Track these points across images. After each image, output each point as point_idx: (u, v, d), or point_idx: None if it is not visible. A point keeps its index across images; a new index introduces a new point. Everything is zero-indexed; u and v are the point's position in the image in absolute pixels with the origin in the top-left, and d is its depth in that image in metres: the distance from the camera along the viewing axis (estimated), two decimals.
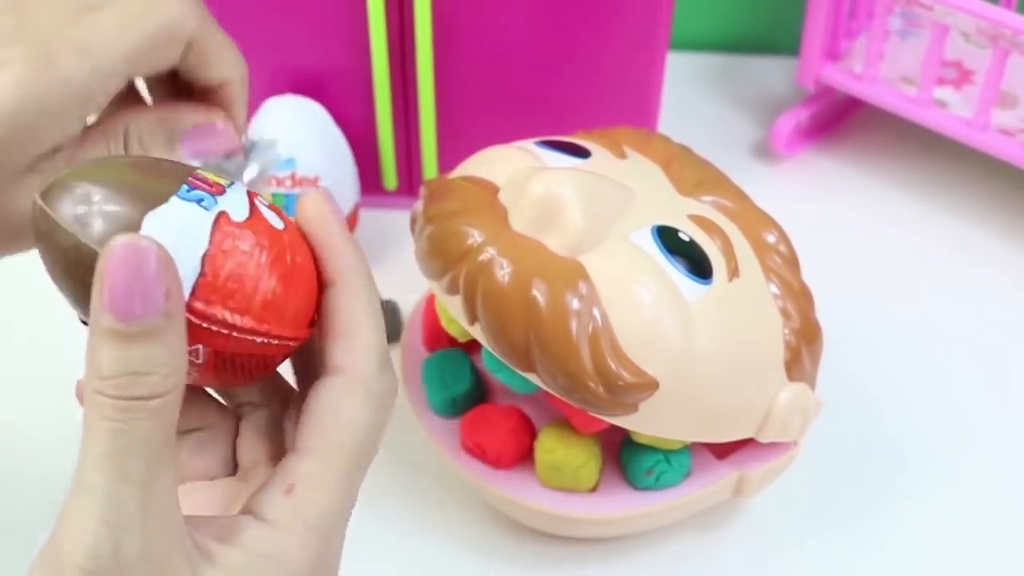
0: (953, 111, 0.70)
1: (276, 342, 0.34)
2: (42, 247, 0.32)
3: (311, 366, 0.37)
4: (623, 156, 0.52)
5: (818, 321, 0.51)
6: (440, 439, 0.53)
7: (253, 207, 0.34)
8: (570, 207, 0.46)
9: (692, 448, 0.52)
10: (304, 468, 0.33)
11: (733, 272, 0.48)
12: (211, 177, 0.34)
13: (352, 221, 0.66)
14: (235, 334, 0.33)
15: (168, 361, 0.29)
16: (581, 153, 0.51)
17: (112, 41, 0.38)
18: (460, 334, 0.53)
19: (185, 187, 0.32)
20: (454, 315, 0.48)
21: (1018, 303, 0.67)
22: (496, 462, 0.52)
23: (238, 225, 0.33)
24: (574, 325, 0.44)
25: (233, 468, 0.38)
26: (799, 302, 0.50)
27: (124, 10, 0.39)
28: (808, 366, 0.50)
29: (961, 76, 0.73)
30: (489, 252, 0.45)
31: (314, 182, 0.62)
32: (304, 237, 0.35)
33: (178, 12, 0.40)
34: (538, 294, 0.44)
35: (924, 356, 0.63)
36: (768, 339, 0.48)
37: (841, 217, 0.71)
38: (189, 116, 0.42)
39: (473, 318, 0.46)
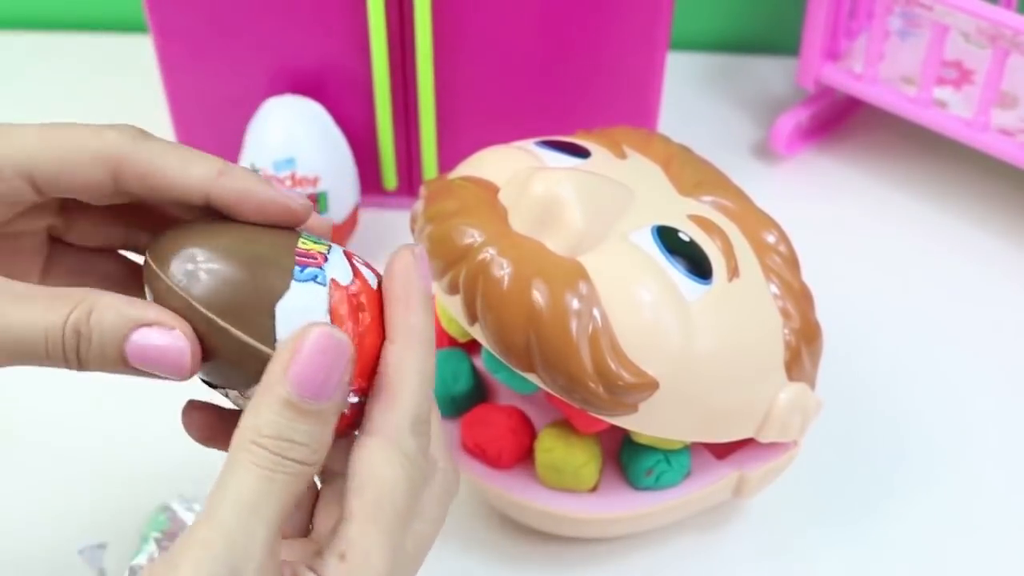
0: (953, 111, 0.70)
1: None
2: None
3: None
4: (623, 156, 0.52)
5: (818, 321, 0.51)
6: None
7: (354, 268, 0.36)
8: (570, 207, 0.46)
9: (692, 448, 0.52)
10: (351, 534, 0.34)
11: (733, 272, 0.48)
12: (311, 246, 0.36)
13: (352, 221, 0.66)
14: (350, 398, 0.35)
15: (321, 438, 0.33)
16: (581, 153, 0.51)
17: (14, 153, 0.36)
18: (460, 334, 0.53)
19: (297, 268, 0.35)
20: (454, 315, 0.48)
21: (1018, 303, 0.67)
22: (496, 462, 0.52)
23: (347, 289, 0.35)
24: (574, 325, 0.44)
25: (306, 532, 0.39)
26: (799, 302, 0.50)
27: (45, 130, 0.37)
28: (808, 366, 0.50)
29: (961, 76, 0.73)
30: (489, 252, 0.45)
31: (314, 182, 0.62)
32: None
33: (108, 136, 0.37)
34: (538, 294, 0.44)
35: (924, 356, 0.63)
36: (768, 339, 0.48)
37: (841, 217, 0.71)
38: (146, 311, 0.35)
39: (473, 318, 0.46)
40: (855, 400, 0.61)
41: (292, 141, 0.62)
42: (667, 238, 0.47)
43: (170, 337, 0.34)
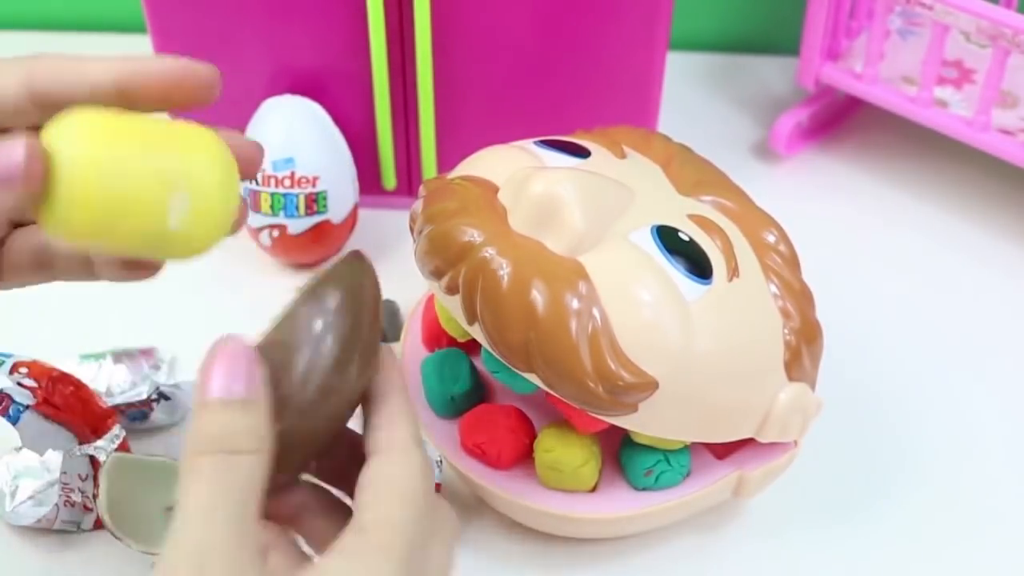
0: (953, 111, 0.70)
1: None
2: None
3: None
4: (623, 156, 0.52)
5: (818, 321, 0.51)
6: (440, 439, 0.53)
7: None
8: (570, 207, 0.45)
9: (692, 448, 0.52)
10: (370, 516, 0.35)
11: (733, 272, 0.48)
12: None
13: (351, 221, 0.66)
14: None
15: (255, 426, 0.34)
16: (581, 153, 0.51)
17: None
18: (460, 334, 0.53)
19: None
20: (454, 315, 0.48)
21: (1018, 303, 0.67)
22: (496, 462, 0.52)
23: None
24: (574, 325, 0.44)
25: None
26: (799, 302, 0.50)
27: None
28: (808, 366, 0.50)
29: (961, 76, 0.73)
30: (489, 252, 0.45)
31: (313, 182, 0.62)
32: None
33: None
34: (538, 294, 0.44)
35: (924, 356, 0.63)
36: (768, 339, 0.48)
37: (841, 217, 0.71)
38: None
39: (473, 318, 0.46)
40: (855, 400, 0.61)
41: (291, 141, 0.62)
42: (667, 238, 0.47)
43: (10, 147, 0.34)
